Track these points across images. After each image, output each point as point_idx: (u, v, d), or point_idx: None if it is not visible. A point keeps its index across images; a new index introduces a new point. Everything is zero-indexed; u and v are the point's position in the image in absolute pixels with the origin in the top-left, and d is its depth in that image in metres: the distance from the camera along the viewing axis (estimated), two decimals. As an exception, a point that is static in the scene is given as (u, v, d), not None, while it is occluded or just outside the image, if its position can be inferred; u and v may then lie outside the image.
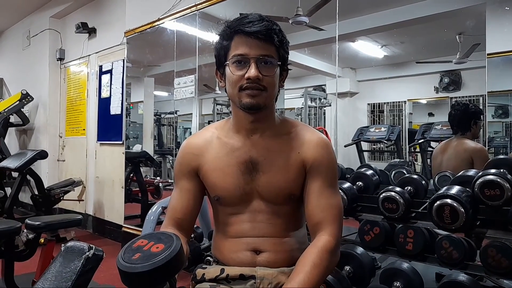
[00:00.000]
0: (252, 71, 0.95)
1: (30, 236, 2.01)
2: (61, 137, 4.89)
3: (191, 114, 3.87)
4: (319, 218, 1.00)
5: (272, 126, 1.06)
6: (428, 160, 2.91)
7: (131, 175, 3.76)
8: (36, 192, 3.99)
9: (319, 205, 1.01)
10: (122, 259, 0.76)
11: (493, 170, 1.47)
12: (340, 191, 1.80)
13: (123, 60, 3.77)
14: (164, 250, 0.76)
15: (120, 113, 3.84)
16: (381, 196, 1.72)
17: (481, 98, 2.89)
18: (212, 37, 3.06)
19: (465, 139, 2.15)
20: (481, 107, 2.33)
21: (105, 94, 4.06)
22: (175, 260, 0.75)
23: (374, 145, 3.74)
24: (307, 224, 1.05)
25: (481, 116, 2.18)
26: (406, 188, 1.79)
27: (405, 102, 4.01)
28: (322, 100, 4.55)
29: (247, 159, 1.03)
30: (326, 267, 0.95)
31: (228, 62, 0.99)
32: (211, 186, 1.06)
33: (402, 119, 4.01)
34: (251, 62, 0.96)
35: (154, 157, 4.07)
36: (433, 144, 2.88)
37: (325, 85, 4.57)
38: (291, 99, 4.55)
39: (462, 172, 1.74)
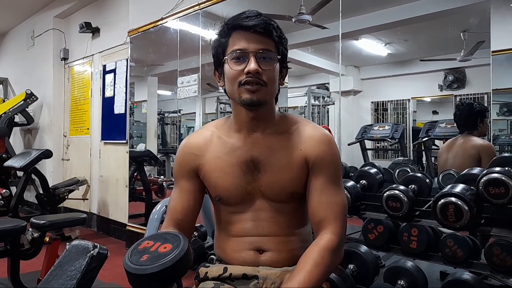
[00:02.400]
0: (252, 65, 0.94)
1: (35, 234, 2.02)
2: (65, 136, 4.92)
3: (195, 113, 3.87)
4: (322, 215, 0.99)
5: (273, 123, 1.05)
6: (433, 158, 2.90)
7: (135, 174, 3.77)
8: (41, 191, 4.02)
9: (322, 202, 0.99)
10: (130, 261, 0.75)
11: (498, 168, 1.46)
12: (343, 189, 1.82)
13: (127, 59, 3.78)
14: (172, 250, 0.75)
15: (123, 112, 3.85)
16: (385, 194, 1.72)
17: (485, 96, 2.87)
18: (215, 36, 3.06)
19: (471, 136, 2.14)
20: (486, 105, 2.31)
21: (108, 93, 4.08)
22: (184, 259, 0.75)
23: (378, 143, 3.72)
24: (310, 222, 1.04)
25: (487, 114, 2.17)
26: (410, 186, 1.78)
27: (409, 100, 3.99)
28: (325, 99, 4.53)
29: (248, 158, 1.02)
30: (327, 266, 0.93)
31: (226, 58, 0.98)
32: (212, 186, 1.05)
33: (406, 117, 3.99)
34: (250, 56, 0.95)
35: (158, 156, 4.08)
36: (437, 142, 2.86)
37: (328, 83, 4.55)
38: (294, 97, 4.54)
39: (466, 170, 1.74)
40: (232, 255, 1.06)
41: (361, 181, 1.97)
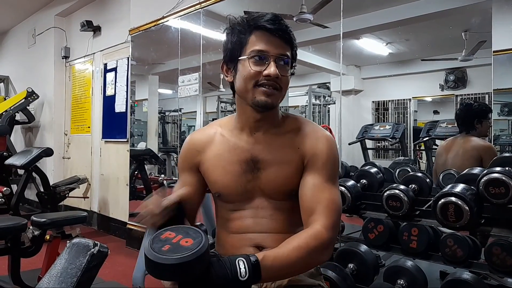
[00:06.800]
0: (272, 69, 0.95)
1: (36, 232, 2.03)
2: (66, 134, 4.92)
3: (195, 112, 3.88)
4: (314, 210, 0.96)
5: (275, 124, 1.06)
6: (433, 158, 2.90)
7: (136, 172, 3.78)
8: (42, 189, 4.02)
9: (313, 196, 0.98)
10: (152, 248, 0.76)
11: (498, 168, 1.46)
12: (344, 188, 1.82)
13: (128, 58, 3.78)
14: (194, 245, 0.76)
15: (124, 111, 3.86)
16: (385, 194, 1.72)
17: (487, 96, 2.87)
18: (217, 34, 3.06)
19: (472, 137, 2.14)
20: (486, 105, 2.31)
21: (109, 92, 4.08)
22: (204, 257, 0.76)
23: (379, 143, 3.72)
24: (302, 220, 1.01)
25: (487, 115, 2.16)
26: (410, 186, 1.78)
27: (410, 99, 3.98)
28: (326, 98, 4.53)
29: (248, 157, 1.03)
30: (308, 254, 0.90)
31: (246, 57, 0.98)
32: (212, 183, 1.07)
33: (407, 117, 3.99)
34: (270, 60, 0.96)
35: (159, 155, 4.09)
36: (438, 142, 2.86)
37: (329, 82, 4.55)
38: (295, 96, 4.54)
39: (467, 170, 1.74)
40: (232, 251, 1.06)
41: (361, 181, 1.98)
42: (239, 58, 0.99)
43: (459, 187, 1.49)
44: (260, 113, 1.02)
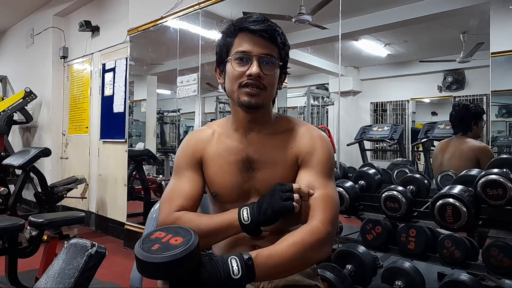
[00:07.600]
0: (254, 68, 0.96)
1: (34, 233, 2.02)
2: (64, 135, 4.91)
3: (194, 112, 3.87)
4: (310, 206, 0.95)
5: (269, 125, 1.07)
6: (431, 160, 2.91)
7: (134, 173, 3.77)
8: (40, 190, 4.01)
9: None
10: (141, 248, 0.76)
11: (495, 170, 1.47)
12: (342, 189, 1.82)
13: (126, 58, 3.78)
14: (183, 243, 0.76)
15: (123, 111, 3.85)
16: (383, 195, 1.72)
17: (484, 98, 2.88)
18: (215, 35, 3.06)
19: (467, 138, 2.14)
20: (484, 107, 2.32)
21: (108, 92, 4.07)
22: (193, 254, 0.76)
23: (377, 144, 3.73)
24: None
25: (482, 116, 2.16)
26: (408, 187, 1.79)
27: (408, 101, 4.00)
28: (325, 99, 4.54)
29: (244, 157, 1.04)
30: (305, 249, 0.88)
31: (230, 58, 1.00)
32: (210, 182, 1.07)
33: (405, 118, 4.00)
34: (253, 59, 0.97)
35: (157, 155, 4.08)
36: (436, 143, 2.87)
37: (328, 83, 4.56)
38: (293, 97, 4.55)
39: (464, 171, 1.74)
40: (229, 251, 1.06)
41: (359, 182, 1.98)
42: (226, 60, 1.01)
43: (457, 189, 1.49)
44: (250, 114, 1.03)
